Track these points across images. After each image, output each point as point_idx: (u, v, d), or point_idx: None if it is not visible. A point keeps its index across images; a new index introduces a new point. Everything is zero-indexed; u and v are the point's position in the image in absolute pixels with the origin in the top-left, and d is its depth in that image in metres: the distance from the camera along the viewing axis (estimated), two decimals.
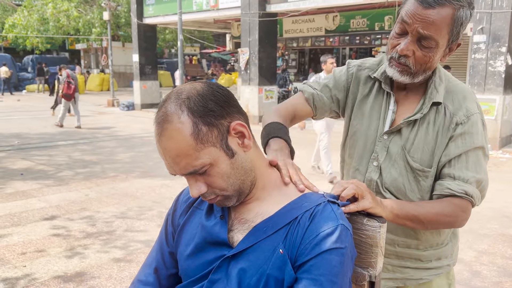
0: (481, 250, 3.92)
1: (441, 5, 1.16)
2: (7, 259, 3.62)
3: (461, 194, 1.24)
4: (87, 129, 11.34)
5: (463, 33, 1.25)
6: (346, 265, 0.94)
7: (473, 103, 1.31)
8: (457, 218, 1.27)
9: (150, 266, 1.15)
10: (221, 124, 0.92)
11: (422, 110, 1.31)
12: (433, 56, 1.23)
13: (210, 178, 0.94)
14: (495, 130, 8.48)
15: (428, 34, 1.19)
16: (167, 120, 0.90)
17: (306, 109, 1.49)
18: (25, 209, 4.92)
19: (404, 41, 1.23)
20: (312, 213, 0.97)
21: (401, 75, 1.28)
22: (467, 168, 1.27)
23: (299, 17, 15.02)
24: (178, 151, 0.90)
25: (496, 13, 8.25)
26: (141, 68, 16.37)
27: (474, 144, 1.27)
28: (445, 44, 1.23)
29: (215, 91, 0.94)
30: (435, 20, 1.17)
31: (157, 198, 5.39)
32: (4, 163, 7.26)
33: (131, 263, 3.57)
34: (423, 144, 1.31)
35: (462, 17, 1.19)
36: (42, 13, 23.85)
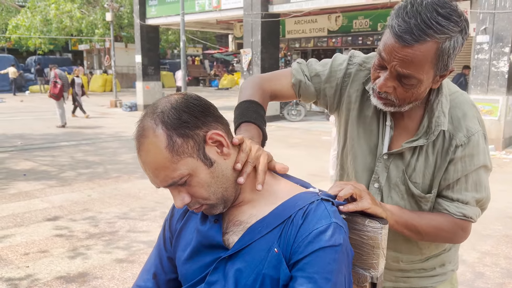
0: (484, 251, 3.91)
1: (421, 42, 1.02)
2: (10, 260, 3.63)
3: (459, 217, 1.21)
4: (90, 130, 11.37)
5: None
6: (341, 263, 0.94)
7: (473, 120, 1.21)
8: (455, 236, 1.24)
9: (149, 271, 1.16)
10: (197, 134, 0.93)
11: (428, 136, 1.20)
12: (417, 91, 1.12)
13: (191, 189, 0.95)
14: (498, 130, 8.45)
15: (408, 73, 1.07)
16: (144, 134, 0.92)
17: (290, 92, 1.41)
18: (28, 209, 4.93)
19: (383, 76, 1.12)
20: (305, 211, 0.97)
21: (385, 107, 1.19)
22: (466, 189, 1.21)
23: (301, 17, 15.02)
24: (156, 164, 0.92)
25: (499, 13, 8.23)
26: (144, 69, 16.40)
27: (475, 166, 1.20)
28: (431, 77, 1.11)
29: (189, 103, 0.94)
30: (414, 58, 1.04)
31: (159, 198, 5.39)
32: (7, 164, 7.28)
33: (133, 264, 3.58)
34: (424, 169, 1.23)
35: (450, 49, 1.05)
36: (45, 14, 23.93)
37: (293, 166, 1.48)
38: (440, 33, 1.02)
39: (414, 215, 1.21)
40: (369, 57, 1.35)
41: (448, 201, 1.23)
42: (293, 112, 13.08)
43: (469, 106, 1.23)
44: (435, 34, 1.01)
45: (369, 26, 14.18)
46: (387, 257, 1.32)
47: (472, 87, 8.77)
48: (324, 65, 1.40)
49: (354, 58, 1.36)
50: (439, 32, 1.01)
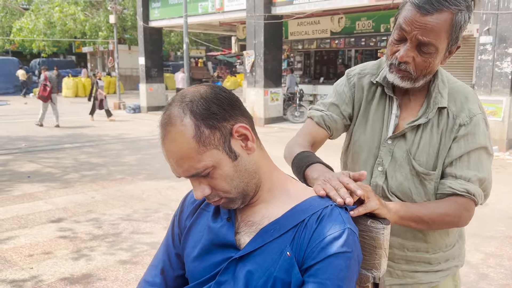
0: (488, 252, 3.90)
1: (439, 11, 1.16)
2: (14, 261, 3.65)
3: (463, 193, 1.25)
4: (94, 132, 11.40)
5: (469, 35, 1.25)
6: (352, 269, 0.94)
7: (475, 104, 1.32)
8: (460, 218, 1.27)
9: (157, 267, 1.15)
10: (224, 126, 0.93)
11: (427, 114, 1.31)
12: (433, 61, 1.23)
13: (213, 181, 0.94)
14: (502, 131, 8.42)
15: (428, 40, 1.18)
16: (170, 123, 0.91)
17: (321, 132, 1.46)
18: (32, 211, 4.95)
19: (404, 47, 1.23)
20: (319, 216, 0.97)
21: (402, 81, 1.28)
22: (469, 168, 1.27)
23: (304, 19, 15.02)
24: (181, 154, 0.91)
25: (503, 14, 8.21)
26: (147, 71, 16.45)
27: (476, 145, 1.28)
28: (445, 48, 1.23)
29: (218, 94, 0.94)
30: (434, 26, 1.16)
31: (163, 200, 5.41)
32: (11, 166, 7.32)
33: (137, 265, 3.59)
34: (428, 147, 1.31)
35: (461, 21, 1.19)
36: (49, 17, 24.04)
37: None
38: (453, 5, 1.16)
39: (418, 206, 1.24)
40: (363, 65, 1.49)
41: (451, 178, 1.29)
42: (295, 114, 13.08)
43: (471, 93, 1.35)
44: (450, 5, 1.16)
45: (372, 28, 14.16)
46: (392, 244, 1.37)
47: (475, 88, 8.74)
48: (330, 96, 1.51)
49: (351, 72, 1.49)
50: (452, 4, 1.16)
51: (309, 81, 16.46)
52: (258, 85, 12.60)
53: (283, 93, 13.43)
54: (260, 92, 12.57)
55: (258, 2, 12.25)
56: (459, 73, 12.30)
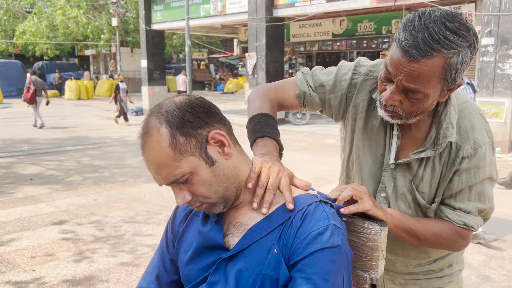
0: (490, 254, 3.89)
1: (428, 57, 1.01)
2: (17, 263, 3.67)
3: (460, 226, 1.21)
4: (96, 134, 11.44)
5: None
6: (339, 263, 0.95)
7: (481, 132, 1.20)
8: (454, 243, 1.24)
9: (152, 273, 1.18)
10: (199, 134, 0.96)
11: (436, 148, 1.19)
12: (423, 105, 1.11)
13: (192, 187, 0.98)
14: (504, 133, 8.41)
15: (414, 87, 1.06)
16: (148, 133, 0.95)
17: (295, 103, 1.41)
18: (35, 213, 4.98)
19: (389, 89, 1.11)
20: (304, 213, 0.99)
21: (392, 119, 1.18)
22: (469, 199, 1.21)
23: (306, 21, 15.04)
24: (159, 162, 0.94)
25: (504, 15, 8.21)
26: (150, 74, 16.50)
27: (480, 178, 1.20)
28: (438, 91, 1.09)
29: (193, 103, 0.98)
30: (421, 74, 1.03)
31: (165, 202, 5.42)
32: (14, 168, 7.35)
33: (139, 267, 3.60)
34: (430, 179, 1.23)
35: (458, 64, 1.03)
36: (52, 20, 24.16)
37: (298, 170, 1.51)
38: (448, 48, 1.00)
39: (414, 220, 1.22)
40: (376, 65, 1.33)
41: (450, 209, 1.23)
42: (297, 116, 13.10)
43: (478, 117, 1.22)
44: (442, 49, 1.00)
45: (373, 30, 14.18)
46: (395, 262, 1.34)
47: (477, 90, 8.73)
48: (328, 75, 1.38)
49: (360, 68, 1.33)
50: (446, 47, 1.00)
51: None
52: None
53: None
54: None
55: (259, 4, 12.29)
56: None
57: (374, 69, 1.31)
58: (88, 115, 16.16)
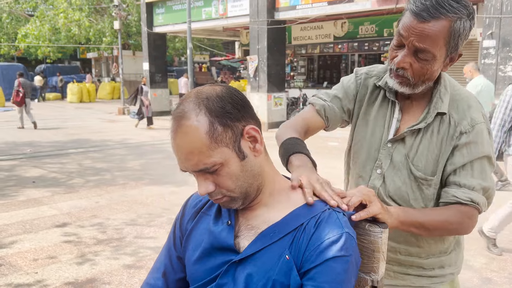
0: (492, 256, 3.89)
1: (436, 19, 1.16)
2: (19, 266, 3.68)
3: (467, 202, 1.24)
4: (98, 137, 11.46)
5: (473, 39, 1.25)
6: (350, 273, 0.96)
7: (478, 113, 1.31)
8: (462, 225, 1.27)
9: (159, 270, 1.17)
10: (236, 126, 0.95)
11: (426, 119, 1.31)
12: (431, 68, 1.23)
13: (219, 178, 0.97)
14: None
15: (424, 47, 1.19)
16: (185, 116, 0.93)
17: (318, 121, 1.48)
18: (37, 216, 4.99)
19: (401, 53, 1.24)
20: (317, 220, 0.99)
21: (401, 86, 1.29)
22: (473, 176, 1.27)
23: (307, 24, 15.07)
24: (191, 148, 0.93)
25: (506, 18, 8.22)
26: (151, 76, 16.53)
27: (480, 154, 1.27)
28: (444, 55, 1.23)
29: (233, 95, 0.97)
30: (430, 33, 1.17)
31: (166, 205, 5.43)
32: (17, 171, 7.37)
33: (141, 270, 3.61)
34: (426, 153, 1.31)
35: (460, 29, 1.19)
36: (54, 23, 24.22)
37: None
38: (452, 13, 1.16)
39: (419, 213, 1.25)
40: (372, 66, 1.50)
41: (455, 187, 1.28)
42: None
43: (474, 100, 1.34)
44: (447, 13, 1.16)
45: (375, 32, 14.19)
46: None
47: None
48: (336, 88, 1.52)
49: (360, 71, 1.50)
50: (451, 12, 1.16)
51: (312, 86, 16.47)
52: (261, 90, 12.64)
53: (286, 98, 13.47)
54: (264, 97, 12.60)
55: (261, 7, 12.31)
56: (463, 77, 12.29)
57: (371, 69, 1.48)
58: (90, 118, 16.20)
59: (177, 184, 6.20)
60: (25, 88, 12.89)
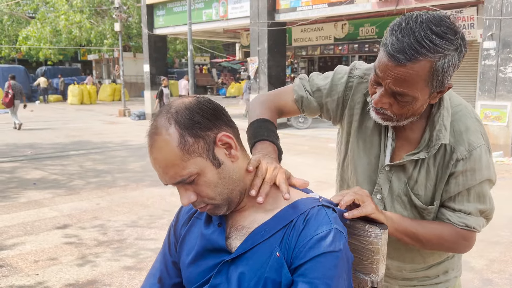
0: (492, 258, 3.88)
1: (414, 61, 1.02)
2: (20, 268, 3.68)
3: (461, 227, 1.20)
4: (99, 139, 11.47)
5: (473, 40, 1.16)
6: (341, 268, 0.96)
7: (476, 134, 1.20)
8: (458, 246, 1.24)
9: (154, 276, 1.19)
10: (207, 135, 0.97)
11: (429, 150, 1.20)
12: (413, 108, 1.12)
13: (198, 187, 0.98)
14: (506, 136, 8.40)
15: (401, 91, 1.07)
16: (157, 132, 0.96)
17: (294, 108, 1.43)
18: (38, 218, 4.99)
19: (379, 92, 1.13)
20: (306, 216, 1.00)
21: (384, 122, 1.19)
22: (469, 201, 1.21)
23: (308, 25, 15.08)
24: (166, 162, 0.95)
25: (506, 19, 8.22)
26: (152, 78, 16.54)
27: (477, 181, 1.19)
28: (427, 94, 1.10)
29: (202, 105, 0.99)
30: (407, 77, 1.04)
31: (167, 206, 5.43)
32: (18, 173, 7.38)
33: (141, 271, 3.61)
34: (425, 181, 1.24)
35: (444, 67, 1.04)
36: (55, 25, 24.29)
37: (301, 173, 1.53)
38: (433, 52, 1.01)
39: (415, 223, 1.22)
40: (371, 68, 1.32)
41: (450, 211, 1.22)
42: (300, 120, 13.11)
43: (472, 120, 1.22)
44: (428, 53, 1.01)
45: (375, 34, 14.20)
46: (390, 266, 1.34)
47: (479, 93, 8.74)
48: (325, 79, 1.39)
49: (355, 71, 1.35)
50: (432, 51, 1.01)
51: None
52: (262, 92, 12.64)
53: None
54: None
55: (261, 9, 12.33)
56: (463, 79, 12.29)
57: (369, 72, 1.31)
58: (91, 120, 16.21)
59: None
60: (15, 90, 13.26)
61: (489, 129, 8.57)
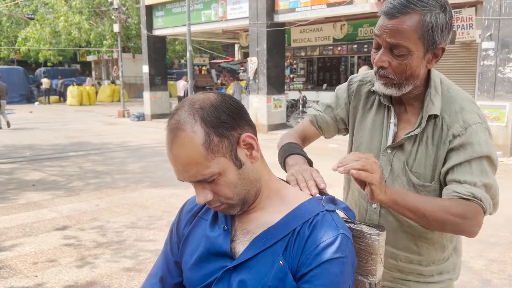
0: (492, 258, 3.89)
1: (405, 14, 1.19)
2: (19, 269, 3.68)
3: (468, 197, 1.18)
4: (98, 140, 11.47)
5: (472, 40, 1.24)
6: (347, 274, 0.96)
7: (472, 114, 1.26)
8: (465, 221, 1.17)
9: (156, 275, 1.17)
10: (232, 135, 0.95)
11: (421, 124, 1.29)
12: (410, 63, 1.23)
13: (217, 187, 0.97)
14: (505, 137, 8.40)
15: (396, 42, 1.21)
16: (180, 128, 0.92)
17: (312, 130, 1.56)
18: (37, 219, 4.99)
19: (379, 53, 1.26)
20: (311, 223, 0.99)
21: (386, 88, 1.29)
22: (472, 173, 1.21)
23: (307, 26, 15.09)
24: (189, 159, 0.92)
25: (505, 19, 8.23)
26: (151, 79, 16.54)
27: (477, 154, 1.22)
28: (421, 50, 1.22)
29: (228, 103, 0.96)
30: (400, 28, 1.19)
31: (167, 207, 5.43)
32: (17, 174, 7.37)
33: (140, 273, 3.61)
34: (424, 159, 1.30)
35: (432, 22, 1.19)
36: (54, 26, 24.27)
37: None
38: (420, 6, 1.18)
39: (420, 198, 1.19)
40: (366, 73, 1.50)
41: (456, 183, 1.22)
42: (299, 120, 13.12)
43: (468, 102, 1.30)
44: (416, 7, 1.18)
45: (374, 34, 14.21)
46: (385, 254, 1.35)
47: (478, 93, 8.75)
48: (331, 97, 1.57)
49: (354, 79, 1.51)
50: (419, 5, 1.18)
51: (312, 88, 16.50)
52: (261, 92, 12.65)
53: (286, 100, 13.48)
54: (263, 99, 12.62)
55: (260, 10, 12.34)
56: (462, 79, 12.30)
57: (366, 76, 1.48)
58: (90, 121, 16.21)
59: (177, 186, 6.20)
60: (0, 90, 13.54)
61: None
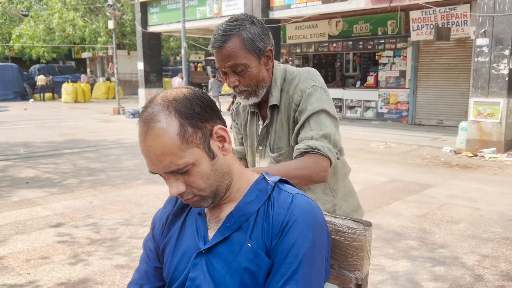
0: (484, 254, 3.91)
1: (227, 41, 1.43)
2: (11, 267, 3.67)
3: (305, 149, 1.44)
4: (93, 137, 11.43)
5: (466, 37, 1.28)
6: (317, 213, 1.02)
7: (306, 81, 1.54)
8: (308, 170, 1.42)
9: (137, 283, 1.19)
10: (205, 127, 0.98)
11: (268, 116, 1.61)
12: (252, 73, 1.49)
13: (190, 178, 0.99)
14: (499, 133, 8.44)
15: (232, 63, 1.45)
16: (155, 119, 0.94)
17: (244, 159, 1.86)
18: (30, 217, 4.97)
19: (228, 78, 1.51)
20: (270, 202, 1.04)
21: (247, 99, 1.56)
22: (311, 129, 1.48)
23: (302, 23, 15.08)
24: (163, 150, 0.94)
25: (499, 16, 8.25)
26: (146, 76, 16.50)
27: (313, 110, 1.49)
28: (254, 59, 1.48)
29: (200, 96, 1.00)
30: (229, 52, 1.44)
31: (161, 205, 5.38)
32: (10, 172, 7.34)
33: (133, 270, 3.59)
34: (281, 134, 1.60)
35: (249, 36, 1.45)
36: (48, 23, 24.15)
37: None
38: (234, 30, 1.44)
39: (273, 166, 1.45)
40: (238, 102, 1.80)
41: (299, 143, 1.50)
42: None
43: (304, 73, 1.57)
44: (232, 32, 1.43)
45: (369, 31, 14.21)
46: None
47: (473, 90, 8.78)
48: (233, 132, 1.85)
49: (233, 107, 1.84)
50: (233, 30, 1.44)
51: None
52: None
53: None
54: None
55: (255, 6, 12.32)
56: (456, 75, 12.33)
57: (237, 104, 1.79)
58: (85, 118, 16.15)
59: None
60: None
61: (482, 126, 8.61)
